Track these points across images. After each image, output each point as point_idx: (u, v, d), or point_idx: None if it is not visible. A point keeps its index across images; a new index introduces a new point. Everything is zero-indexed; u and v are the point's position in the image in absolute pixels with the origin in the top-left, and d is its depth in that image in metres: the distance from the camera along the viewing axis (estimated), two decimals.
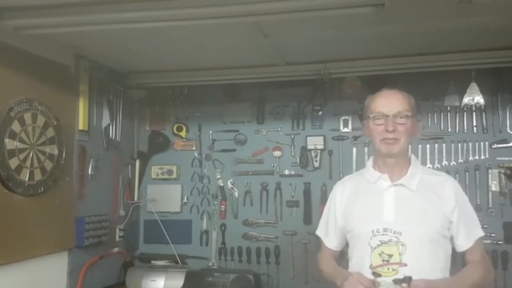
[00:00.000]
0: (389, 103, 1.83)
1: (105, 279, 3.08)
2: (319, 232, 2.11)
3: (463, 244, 1.85)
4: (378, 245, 1.80)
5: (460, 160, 3.07)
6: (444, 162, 3.08)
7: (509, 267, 2.91)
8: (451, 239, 1.86)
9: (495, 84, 3.02)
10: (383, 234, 1.80)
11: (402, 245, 1.77)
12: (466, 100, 3.05)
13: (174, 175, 3.51)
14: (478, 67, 2.89)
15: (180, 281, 3.07)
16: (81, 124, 2.82)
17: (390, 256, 1.78)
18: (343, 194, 2.00)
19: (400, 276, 1.67)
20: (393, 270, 1.77)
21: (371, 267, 1.80)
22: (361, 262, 1.84)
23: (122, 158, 3.32)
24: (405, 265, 1.76)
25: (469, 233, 1.86)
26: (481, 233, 1.89)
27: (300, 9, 2.00)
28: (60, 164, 2.62)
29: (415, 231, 1.79)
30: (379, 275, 1.71)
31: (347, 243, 2.00)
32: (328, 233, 2.05)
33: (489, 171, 3.01)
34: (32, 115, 2.42)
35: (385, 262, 1.78)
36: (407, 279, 1.63)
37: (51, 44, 2.55)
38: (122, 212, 3.28)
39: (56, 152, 2.59)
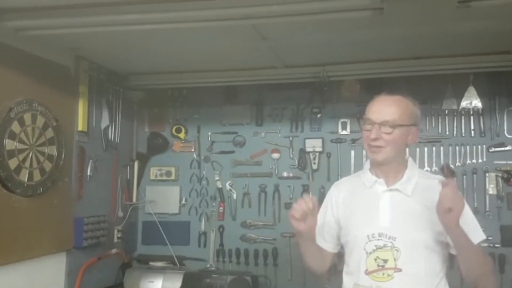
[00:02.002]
0: (378, 111, 1.81)
1: (103, 280, 3.08)
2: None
3: None
4: (374, 250, 1.80)
5: (457, 164, 3.07)
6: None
7: (506, 270, 2.92)
8: (448, 244, 1.81)
9: (493, 88, 3.03)
10: (378, 239, 1.80)
11: (397, 250, 1.77)
12: (464, 103, 3.06)
13: (173, 177, 3.51)
14: (476, 71, 2.90)
15: (178, 283, 3.07)
16: (80, 125, 2.83)
17: (385, 261, 1.78)
18: (339, 195, 2.00)
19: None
20: (388, 275, 1.77)
21: (366, 272, 1.80)
22: (357, 266, 1.84)
23: (121, 159, 3.32)
24: (400, 270, 1.76)
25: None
26: (481, 236, 1.83)
27: (299, 13, 2.01)
28: (59, 165, 2.62)
29: (409, 236, 1.78)
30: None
31: (342, 246, 2.00)
32: (323, 234, 2.03)
33: (487, 174, 3.02)
34: (31, 116, 2.43)
35: (380, 267, 1.78)
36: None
37: (51, 45, 2.56)
38: (120, 213, 3.28)
39: (55, 153, 2.60)
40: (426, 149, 3.11)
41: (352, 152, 3.23)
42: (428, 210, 1.79)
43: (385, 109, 1.81)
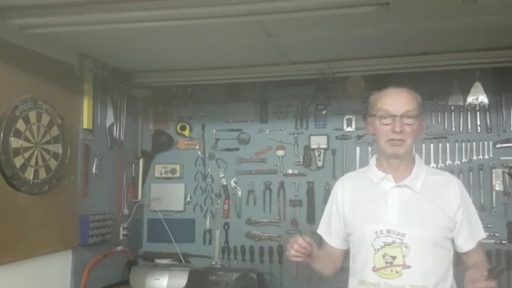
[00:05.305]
0: (396, 103, 1.80)
1: (109, 277, 3.09)
2: (321, 230, 2.08)
3: (466, 245, 1.84)
4: (382, 247, 1.79)
5: (463, 160, 3.06)
6: (448, 162, 3.07)
7: None
8: (452, 240, 1.84)
9: (499, 83, 3.01)
10: (386, 236, 1.79)
11: (406, 247, 1.76)
12: (470, 99, 3.04)
13: (178, 174, 3.52)
14: (482, 66, 2.88)
15: (184, 280, 3.08)
16: (85, 123, 2.83)
17: (394, 258, 1.77)
18: (344, 191, 1.98)
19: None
20: (397, 272, 1.76)
21: (374, 269, 1.79)
22: (364, 263, 1.83)
23: (126, 157, 3.33)
24: (409, 267, 1.75)
25: (472, 234, 1.84)
26: (483, 234, 1.88)
27: (304, 8, 2.00)
28: (64, 163, 2.63)
29: (418, 233, 1.78)
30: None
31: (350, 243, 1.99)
32: (331, 232, 2.02)
33: (493, 170, 3.00)
34: (36, 114, 2.43)
35: (388, 264, 1.77)
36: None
37: (55, 43, 2.56)
38: (125, 211, 3.29)
39: (60, 150, 2.60)
40: (432, 145, 3.10)
41: (358, 149, 3.22)
42: (436, 207, 1.80)
43: (403, 100, 1.80)
